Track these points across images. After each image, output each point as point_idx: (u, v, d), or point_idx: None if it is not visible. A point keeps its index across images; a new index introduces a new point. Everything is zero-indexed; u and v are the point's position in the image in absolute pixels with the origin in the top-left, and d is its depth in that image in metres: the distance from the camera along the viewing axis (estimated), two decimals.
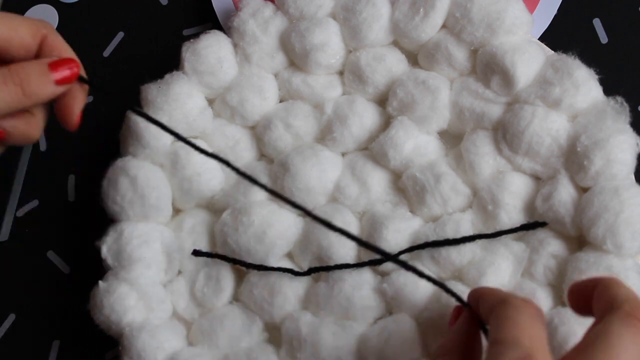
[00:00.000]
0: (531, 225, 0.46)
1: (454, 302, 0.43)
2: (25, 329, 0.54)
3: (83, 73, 0.46)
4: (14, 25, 0.44)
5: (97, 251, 0.49)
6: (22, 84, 0.43)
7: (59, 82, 0.44)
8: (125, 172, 0.50)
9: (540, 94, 0.47)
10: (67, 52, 0.46)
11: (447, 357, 0.39)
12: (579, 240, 0.45)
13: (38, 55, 0.45)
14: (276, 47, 0.52)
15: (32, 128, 0.45)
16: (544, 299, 0.44)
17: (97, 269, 0.49)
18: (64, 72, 0.44)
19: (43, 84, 0.43)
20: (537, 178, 0.48)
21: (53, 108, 0.46)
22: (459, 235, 0.46)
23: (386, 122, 0.51)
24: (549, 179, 0.47)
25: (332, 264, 0.47)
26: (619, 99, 0.46)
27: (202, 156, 0.50)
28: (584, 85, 0.46)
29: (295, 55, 0.52)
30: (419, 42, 0.51)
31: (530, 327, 0.36)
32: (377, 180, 0.49)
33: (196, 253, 0.50)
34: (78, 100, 0.46)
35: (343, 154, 0.51)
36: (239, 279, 0.50)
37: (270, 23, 0.52)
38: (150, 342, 0.46)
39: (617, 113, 0.46)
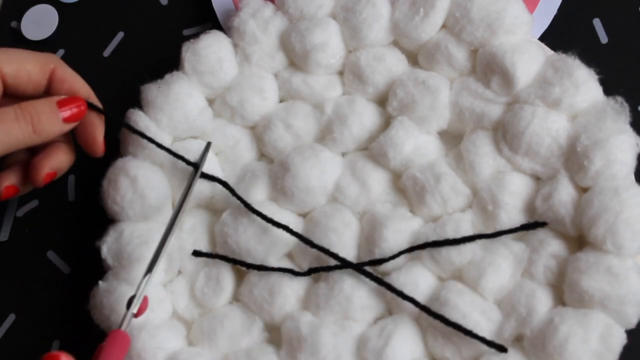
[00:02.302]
0: (531, 225, 0.46)
1: (453, 300, 0.44)
2: (25, 329, 0.54)
3: (96, 101, 0.49)
4: (21, 61, 0.46)
5: (97, 251, 0.49)
6: (33, 122, 0.45)
7: (67, 120, 0.46)
8: (125, 172, 0.50)
9: (540, 94, 0.47)
10: (77, 82, 0.48)
11: None
12: (579, 240, 0.45)
13: (48, 88, 0.48)
14: (276, 47, 0.53)
15: (72, 154, 0.49)
16: (544, 299, 0.44)
17: (97, 269, 0.49)
18: (72, 110, 0.46)
19: (52, 122, 0.46)
20: (537, 178, 0.48)
21: (75, 139, 0.49)
22: (459, 235, 0.46)
23: (386, 122, 0.51)
24: (549, 179, 0.47)
25: (332, 264, 0.47)
26: (619, 99, 0.46)
27: None
28: (584, 85, 0.46)
29: (295, 55, 0.52)
30: (419, 42, 0.51)
31: None
32: (377, 180, 0.49)
33: (196, 253, 0.50)
34: (98, 129, 0.48)
35: (343, 154, 0.51)
36: (239, 279, 0.50)
37: (270, 23, 0.52)
38: (150, 342, 0.46)
39: (617, 113, 0.46)
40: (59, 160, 0.48)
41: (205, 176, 0.50)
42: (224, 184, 0.50)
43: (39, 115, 0.45)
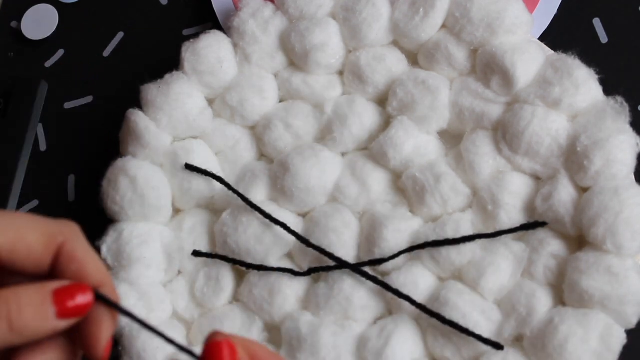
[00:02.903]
0: (531, 225, 0.46)
1: (453, 299, 0.44)
2: None
3: (111, 289, 0.36)
4: (21, 230, 0.34)
5: (97, 251, 0.49)
6: (11, 317, 0.33)
7: (62, 316, 0.34)
8: (125, 172, 0.50)
9: (540, 94, 0.47)
10: (90, 264, 0.35)
11: None
12: (579, 240, 0.45)
13: (53, 268, 0.35)
14: (276, 47, 0.53)
15: (71, 355, 0.36)
16: (544, 299, 0.44)
17: None
18: (72, 303, 0.34)
19: (40, 318, 0.33)
20: (537, 178, 0.48)
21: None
22: (459, 235, 0.46)
23: (386, 122, 0.51)
24: (549, 179, 0.47)
25: (332, 264, 0.47)
26: (619, 99, 0.46)
27: (202, 156, 0.51)
28: (584, 85, 0.46)
29: (295, 55, 0.52)
30: (419, 42, 0.51)
31: None
32: (377, 180, 0.49)
33: (196, 254, 0.50)
34: (104, 328, 0.35)
35: (343, 154, 0.51)
36: (239, 279, 0.50)
37: (270, 23, 0.52)
38: (150, 342, 0.46)
39: (617, 113, 0.46)
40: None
41: (204, 173, 0.50)
42: (219, 179, 0.50)
43: (20, 308, 0.33)
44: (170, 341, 0.35)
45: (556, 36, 0.54)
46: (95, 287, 0.35)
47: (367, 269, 0.47)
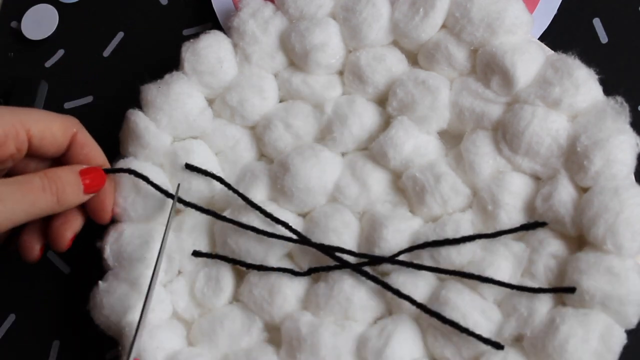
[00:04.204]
0: (531, 225, 0.46)
1: (453, 299, 0.44)
2: (25, 329, 0.54)
3: (107, 164, 0.49)
4: (48, 123, 0.46)
5: (97, 251, 0.49)
6: (58, 193, 0.45)
7: (87, 192, 0.47)
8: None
9: (540, 94, 0.47)
10: (95, 149, 0.49)
11: None
12: (579, 240, 0.45)
13: (67, 151, 0.48)
14: (276, 47, 0.53)
15: (85, 214, 0.49)
16: (544, 299, 0.44)
17: (97, 269, 0.49)
18: (92, 182, 0.47)
19: (75, 193, 0.46)
20: (537, 178, 0.48)
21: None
22: (458, 235, 0.46)
23: (386, 122, 0.51)
24: (549, 179, 0.47)
25: (332, 263, 0.47)
26: (619, 99, 0.46)
27: (202, 156, 0.51)
28: (584, 85, 0.46)
29: (295, 55, 0.52)
30: (419, 42, 0.51)
31: None
32: (377, 180, 0.49)
33: (196, 254, 0.50)
34: (109, 197, 0.49)
35: (343, 154, 0.51)
36: (239, 279, 0.50)
37: (270, 23, 0.52)
38: (150, 342, 0.46)
39: (617, 113, 0.46)
40: (78, 223, 0.48)
41: (204, 173, 0.50)
42: (220, 180, 0.50)
43: (64, 186, 0.45)
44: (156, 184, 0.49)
45: (556, 36, 0.54)
46: (102, 166, 0.48)
47: (367, 269, 0.47)
